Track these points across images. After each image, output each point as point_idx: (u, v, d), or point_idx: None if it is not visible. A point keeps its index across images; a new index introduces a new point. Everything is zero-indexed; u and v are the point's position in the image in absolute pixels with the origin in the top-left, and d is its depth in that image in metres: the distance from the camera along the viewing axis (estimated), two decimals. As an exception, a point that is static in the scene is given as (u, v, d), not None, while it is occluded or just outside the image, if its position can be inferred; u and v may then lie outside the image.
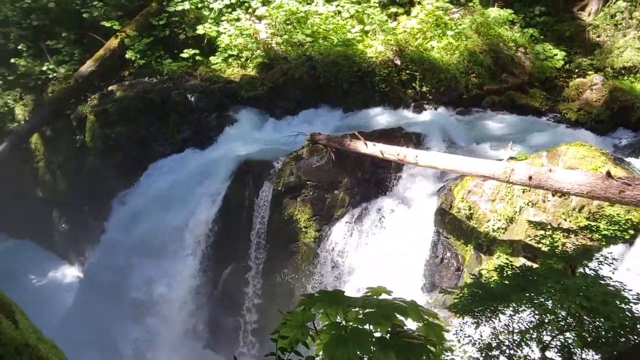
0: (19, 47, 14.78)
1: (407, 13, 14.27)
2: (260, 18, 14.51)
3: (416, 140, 10.12)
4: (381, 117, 12.08)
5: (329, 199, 9.96)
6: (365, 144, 8.71)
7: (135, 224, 11.02)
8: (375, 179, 9.97)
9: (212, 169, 10.99)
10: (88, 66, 14.19)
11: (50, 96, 14.34)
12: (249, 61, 14.12)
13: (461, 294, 3.35)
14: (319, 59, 12.93)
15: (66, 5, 14.93)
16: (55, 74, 14.38)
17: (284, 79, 13.01)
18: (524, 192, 7.67)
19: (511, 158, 8.24)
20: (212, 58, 14.29)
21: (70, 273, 14.81)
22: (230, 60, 14.26)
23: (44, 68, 14.42)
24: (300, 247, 10.08)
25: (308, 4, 14.37)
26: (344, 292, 2.51)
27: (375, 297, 2.61)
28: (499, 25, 13.44)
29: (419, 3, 13.94)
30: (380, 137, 9.54)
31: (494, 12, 13.49)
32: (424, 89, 12.81)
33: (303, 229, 10.01)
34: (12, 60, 14.48)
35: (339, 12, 14.28)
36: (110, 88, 13.83)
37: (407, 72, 12.81)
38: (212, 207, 10.46)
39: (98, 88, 14.14)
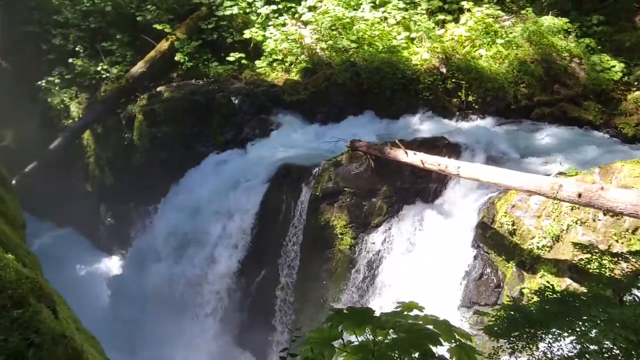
0: (77, 48, 15.54)
1: (456, 20, 13.96)
2: (306, 23, 14.61)
3: (459, 150, 9.85)
4: (424, 125, 11.85)
5: (366, 207, 9.83)
6: (406, 152, 8.54)
7: (168, 230, 11.38)
8: (415, 189, 9.76)
9: (251, 171, 11.12)
10: (139, 67, 14.73)
11: (102, 95, 14.97)
12: (293, 66, 14.23)
13: (497, 316, 3.17)
14: (363, 65, 12.85)
15: (122, 8, 15.61)
16: (108, 74, 14.99)
17: (327, 84, 13.01)
18: (572, 209, 7.28)
19: (560, 173, 7.83)
20: (257, 62, 14.50)
21: (112, 265, 15.36)
22: (274, 64, 14.42)
23: (99, 68, 15.08)
24: (335, 254, 9.99)
25: (354, 10, 14.33)
26: (373, 310, 2.41)
27: (406, 313, 2.50)
28: (552, 34, 12.90)
29: (469, 10, 13.60)
30: (421, 146, 9.34)
31: (548, 20, 12.97)
32: (470, 98, 12.46)
33: (339, 236, 9.92)
34: (70, 60, 15.25)
35: (385, 19, 14.15)
36: (158, 89, 14.29)
37: (453, 80, 12.51)
38: (249, 209, 10.56)
39: (147, 88, 14.63)
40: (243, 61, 14.60)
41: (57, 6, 15.77)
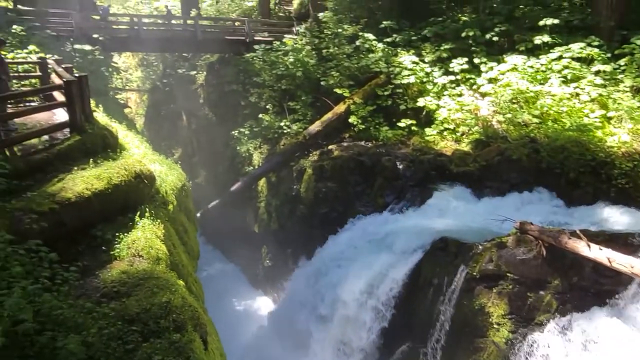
0: (267, 106, 17.69)
1: (668, 101, 12.05)
2: (484, 95, 14.19)
3: (661, 253, 8.08)
4: (615, 217, 10.15)
5: (531, 299, 8.61)
6: (588, 245, 7.34)
7: (317, 280, 11.52)
8: (596, 289, 8.23)
9: (406, 237, 10.80)
10: (316, 126, 15.97)
11: (281, 148, 16.51)
12: (464, 136, 13.82)
13: None
14: (544, 142, 11.82)
15: (310, 73, 17.37)
16: (289, 130, 16.57)
17: (500, 158, 12.23)
18: None
19: None
20: (427, 129, 14.48)
21: (264, 304, 16.21)
22: (445, 133, 14.21)
23: (282, 124, 16.79)
24: (487, 345, 8.87)
25: (541, 84, 13.43)
26: None
27: None
28: None
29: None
30: (609, 241, 7.96)
31: None
32: (683, 192, 10.37)
33: (494, 326, 8.82)
34: (260, 116, 17.37)
35: (577, 95, 12.91)
36: (330, 147, 15.21)
37: (660, 168, 10.62)
38: (399, 276, 10.17)
39: (320, 146, 15.70)
40: (413, 128, 14.74)
41: (258, 70, 18.26)
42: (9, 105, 8.89)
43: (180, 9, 24.48)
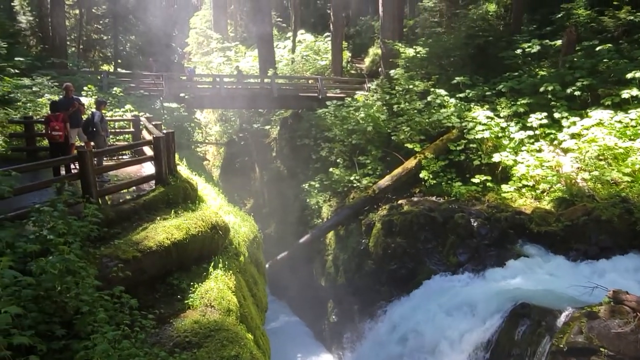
0: (337, 160, 17.95)
1: None
2: (566, 151, 13.46)
3: None
4: None
5: (630, 380, 7.62)
6: (701, 322, 6.43)
7: (389, 344, 10.97)
8: None
9: (483, 301, 10.12)
10: (386, 180, 15.90)
11: (350, 201, 16.52)
12: (545, 194, 13.06)
13: None
14: (637, 202, 10.84)
15: (380, 129, 17.56)
16: (358, 184, 16.62)
17: (586, 218, 11.36)
18: None
19: None
20: (503, 186, 13.88)
21: (327, 363, 15.70)
22: (523, 190, 13.53)
23: (351, 178, 16.90)
24: None
25: (631, 140, 12.53)
26: None
27: None
28: None
29: None
30: None
31: None
32: None
33: (587, 408, 7.85)
34: (330, 169, 17.61)
35: (675, 151, 11.91)
36: (399, 201, 14.99)
37: None
38: (475, 344, 9.45)
39: (389, 200, 15.53)
40: (488, 184, 14.21)
41: (330, 125, 18.75)
42: (105, 159, 9.72)
43: (258, 68, 26.10)
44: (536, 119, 14.46)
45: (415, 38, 23.71)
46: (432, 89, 17.83)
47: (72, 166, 8.44)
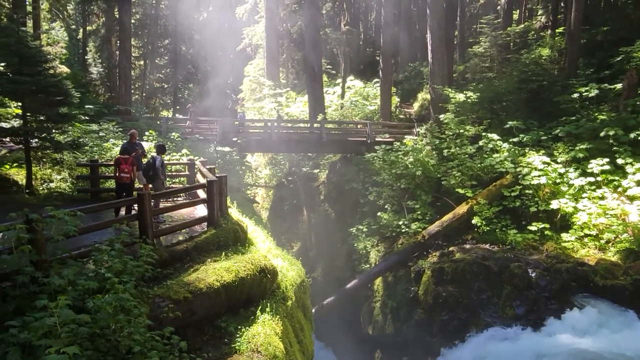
0: (386, 205, 17.72)
1: None
2: (632, 199, 12.65)
3: None
4: None
5: None
6: None
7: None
8: None
9: (545, 358, 9.40)
10: (436, 226, 15.47)
11: (399, 247, 16.15)
12: (610, 244, 12.23)
13: None
14: None
15: (429, 173, 17.29)
16: (407, 229, 16.26)
17: (659, 272, 10.47)
18: None
19: None
20: (563, 235, 13.15)
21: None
22: (586, 240, 12.74)
23: (400, 223, 16.59)
24: None
25: None
26: None
27: None
28: None
29: None
30: None
31: None
32: None
33: None
34: (378, 214, 17.39)
35: None
36: (451, 248, 14.48)
37: None
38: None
39: (440, 247, 15.04)
40: (546, 232, 13.50)
41: (378, 169, 18.70)
42: (161, 200, 10.10)
43: (308, 114, 26.73)
44: (597, 164, 13.77)
45: (465, 83, 23.63)
46: (483, 134, 17.51)
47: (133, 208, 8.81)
